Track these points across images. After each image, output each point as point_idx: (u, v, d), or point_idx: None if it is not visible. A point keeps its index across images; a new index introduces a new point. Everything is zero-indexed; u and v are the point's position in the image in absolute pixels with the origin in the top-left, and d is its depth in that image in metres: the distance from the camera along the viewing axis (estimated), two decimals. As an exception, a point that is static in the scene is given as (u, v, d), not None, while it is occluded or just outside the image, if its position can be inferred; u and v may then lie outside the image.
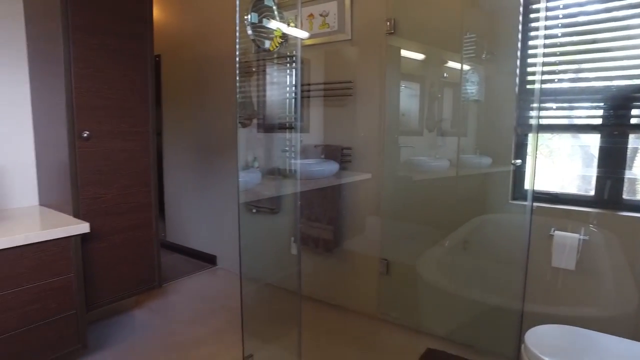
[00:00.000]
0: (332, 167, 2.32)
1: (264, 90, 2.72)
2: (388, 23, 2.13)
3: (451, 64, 2.10)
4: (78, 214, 1.85)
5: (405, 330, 2.21)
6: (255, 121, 2.71)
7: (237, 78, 2.53)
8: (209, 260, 3.19)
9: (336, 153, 2.33)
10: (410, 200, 2.21)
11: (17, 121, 2.01)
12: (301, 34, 2.42)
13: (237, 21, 2.21)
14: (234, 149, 2.88)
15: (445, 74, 2.15)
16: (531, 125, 1.84)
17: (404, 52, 2.19)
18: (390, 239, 2.28)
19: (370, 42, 2.20)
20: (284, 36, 2.10)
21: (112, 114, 1.96)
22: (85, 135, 1.84)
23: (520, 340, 1.60)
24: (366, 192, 2.29)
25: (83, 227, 1.71)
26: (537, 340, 1.31)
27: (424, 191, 2.17)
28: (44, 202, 2.07)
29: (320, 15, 2.38)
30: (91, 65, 1.86)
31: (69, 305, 1.72)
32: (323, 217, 2.42)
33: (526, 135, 1.86)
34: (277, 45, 2.10)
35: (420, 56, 2.20)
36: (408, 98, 2.22)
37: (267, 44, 2.28)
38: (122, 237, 2.03)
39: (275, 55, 2.52)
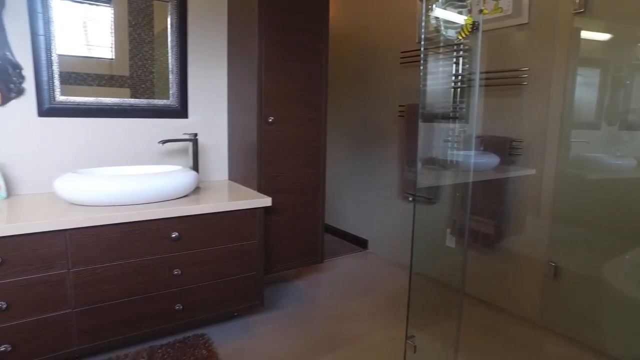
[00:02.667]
0: (493, 160, 2.20)
1: (425, 80, 2.70)
2: (577, 0, 1.90)
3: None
4: (261, 189, 2.13)
5: (577, 345, 2.00)
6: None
7: (421, 68, 2.56)
8: (361, 243, 3.34)
9: (503, 145, 2.19)
10: (585, 202, 1.96)
11: (218, 109, 2.40)
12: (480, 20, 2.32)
13: (423, 11, 2.23)
14: (391, 138, 2.93)
15: (643, 56, 1.83)
16: None
17: (584, 34, 1.94)
18: (560, 242, 2.07)
19: (550, 24, 2.00)
20: (474, 24, 2.05)
21: (291, 102, 2.18)
22: (270, 120, 2.10)
23: None
24: (530, 188, 2.12)
25: (267, 201, 1.96)
26: None
27: (602, 193, 1.90)
28: (232, 177, 2.43)
29: (494, -1, 2.25)
30: (276, 58, 2.10)
31: (252, 266, 2.00)
32: (485, 210, 2.32)
33: None
34: (467, 33, 2.07)
35: (604, 36, 1.91)
36: (584, 86, 1.96)
37: (452, 32, 2.25)
38: (293, 213, 2.27)
39: (441, 45, 2.47)
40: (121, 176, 1.76)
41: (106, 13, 2.04)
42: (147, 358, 1.79)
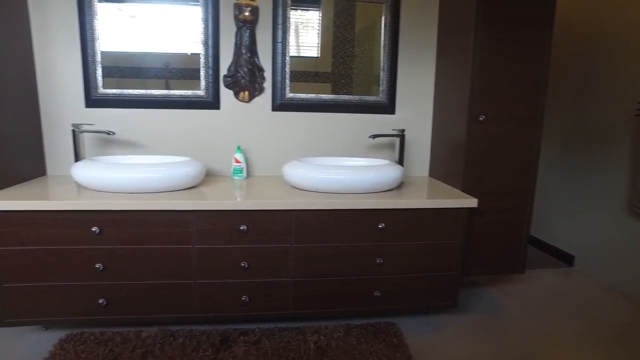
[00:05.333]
0: None
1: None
2: None
3: None
4: (464, 189, 2.07)
5: None
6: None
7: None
8: (565, 258, 2.95)
9: None
10: None
11: (423, 105, 2.42)
12: None
13: None
14: (618, 140, 2.48)
15: None
16: None
17: None
18: None
19: None
20: None
21: (503, 99, 2.05)
22: (481, 119, 2.01)
23: None
24: None
25: (472, 202, 1.90)
26: None
27: None
28: (433, 174, 2.43)
29: None
30: (490, 53, 1.99)
31: (450, 266, 1.98)
32: None
33: None
34: None
35: None
36: None
37: None
38: (496, 217, 2.14)
39: None
40: (337, 166, 1.95)
41: (314, 16, 2.27)
42: (343, 333, 1.95)
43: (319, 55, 2.31)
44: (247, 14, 2.16)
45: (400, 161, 2.28)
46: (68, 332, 1.90)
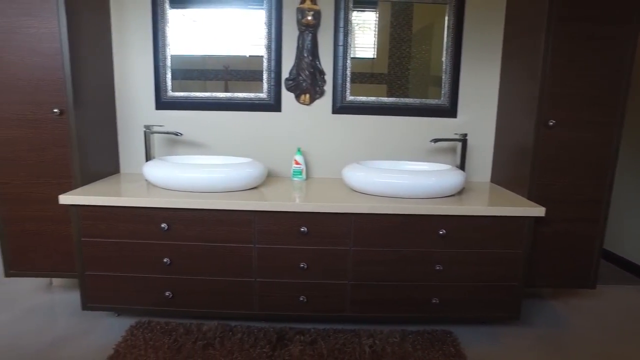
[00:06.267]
0: None
1: None
2: None
3: None
4: (530, 197, 1.98)
5: None
6: None
7: None
8: (641, 274, 2.74)
9: None
10: None
11: (486, 109, 2.34)
12: None
13: None
14: None
15: None
16: None
17: None
18: None
19: None
20: None
21: (576, 103, 1.93)
22: (550, 124, 1.91)
23: None
24: None
25: (539, 211, 1.81)
26: None
27: None
28: (495, 179, 2.34)
29: None
30: (564, 54, 1.89)
31: (512, 276, 1.90)
32: None
33: None
34: None
35: None
36: None
37: None
38: (565, 227, 2.03)
39: None
40: (397, 170, 1.93)
41: (371, 17, 2.25)
42: (399, 339, 1.93)
43: (375, 57, 2.30)
44: (309, 18, 2.19)
45: (462, 166, 2.22)
46: (137, 320, 2.02)
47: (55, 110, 1.97)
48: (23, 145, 2.01)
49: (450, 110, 2.33)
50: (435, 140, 2.16)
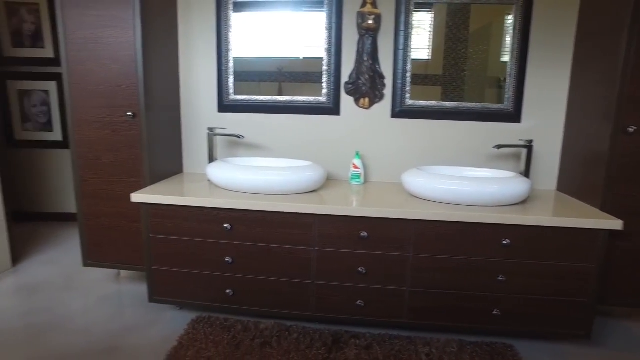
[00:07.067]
0: None
1: None
2: None
3: None
4: (604, 208, 1.86)
5: None
6: None
7: None
8: None
9: None
10: None
11: (553, 114, 2.23)
12: None
13: None
14: None
15: None
16: None
17: None
18: None
19: None
20: None
21: (660, 109, 1.80)
22: (630, 130, 1.79)
23: None
24: None
25: (616, 224, 1.70)
26: None
27: None
28: (562, 188, 2.23)
29: None
30: (648, 56, 1.76)
31: (583, 292, 1.80)
32: None
33: None
34: None
35: None
36: None
37: None
38: (645, 241, 1.90)
39: None
40: (459, 177, 1.88)
41: (426, 17, 2.22)
42: (457, 349, 1.88)
43: (430, 58, 2.25)
44: (370, 22, 2.18)
45: (527, 173, 2.13)
46: (198, 315, 2.11)
47: (129, 113, 2.10)
48: (101, 146, 2.16)
49: (514, 115, 2.24)
50: (499, 147, 2.08)
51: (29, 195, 3.61)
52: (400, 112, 2.29)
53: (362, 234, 1.82)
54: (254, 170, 1.97)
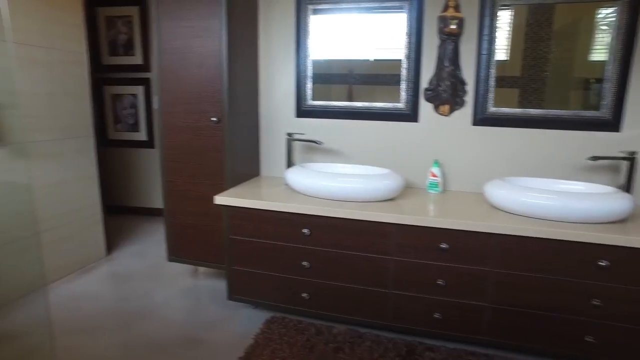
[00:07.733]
0: None
1: None
2: None
3: None
4: None
5: None
6: None
7: None
8: None
9: None
10: None
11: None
12: None
13: None
14: None
15: None
16: None
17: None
18: None
19: None
20: None
21: None
22: None
23: None
24: None
25: None
26: None
27: None
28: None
29: None
30: None
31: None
32: None
33: None
34: None
35: None
36: None
37: None
38: None
39: None
40: (548, 190, 1.77)
41: (505, 15, 2.10)
42: (539, 373, 1.78)
43: (508, 58, 2.13)
44: (453, 26, 2.12)
45: (628, 188, 1.95)
46: (272, 315, 2.17)
47: (214, 118, 2.21)
48: (187, 149, 2.30)
49: (611, 123, 2.06)
50: (595, 158, 1.93)
51: (119, 190, 3.93)
52: (482, 119, 2.20)
53: (442, 245, 1.77)
54: (334, 177, 1.99)
